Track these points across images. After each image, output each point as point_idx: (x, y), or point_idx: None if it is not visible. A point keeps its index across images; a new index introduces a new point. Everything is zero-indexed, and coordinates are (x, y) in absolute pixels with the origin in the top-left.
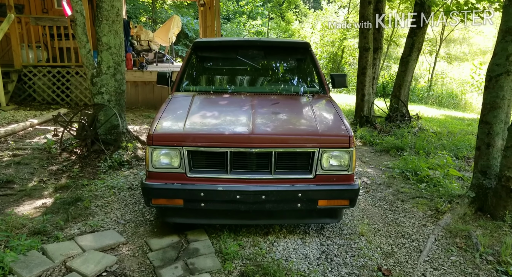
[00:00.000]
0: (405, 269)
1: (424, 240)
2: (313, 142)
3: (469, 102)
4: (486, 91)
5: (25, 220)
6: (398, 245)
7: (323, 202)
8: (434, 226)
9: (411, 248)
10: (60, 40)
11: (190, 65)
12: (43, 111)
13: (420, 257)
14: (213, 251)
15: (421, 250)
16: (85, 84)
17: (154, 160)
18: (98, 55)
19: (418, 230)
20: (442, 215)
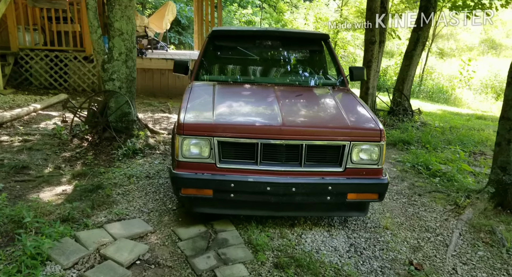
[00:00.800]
0: (434, 263)
1: (449, 235)
2: (344, 135)
3: (458, 97)
4: (509, 87)
5: (51, 206)
6: (423, 239)
7: (353, 196)
8: (457, 220)
9: (436, 242)
10: (58, 24)
11: (208, 54)
12: (42, 96)
13: (447, 252)
14: (242, 241)
15: (447, 244)
16: (83, 70)
17: (184, 150)
18: (110, 41)
19: (441, 224)
20: (463, 210)
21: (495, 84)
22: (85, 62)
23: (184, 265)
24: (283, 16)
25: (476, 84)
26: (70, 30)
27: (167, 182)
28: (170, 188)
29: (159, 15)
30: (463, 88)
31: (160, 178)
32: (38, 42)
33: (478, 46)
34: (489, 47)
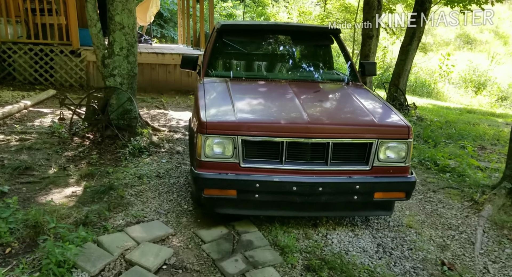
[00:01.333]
0: (465, 262)
1: (472, 232)
2: (371, 132)
3: (440, 91)
4: None
5: (66, 209)
6: (448, 237)
7: (380, 195)
8: (478, 217)
9: (462, 240)
10: (42, 16)
11: (217, 49)
12: (29, 91)
13: (474, 250)
14: (268, 243)
15: (472, 242)
16: (70, 64)
17: (207, 149)
18: (110, 35)
19: (462, 221)
20: (482, 206)
21: (473, 78)
22: (72, 56)
23: (212, 269)
24: (266, 10)
25: (455, 78)
26: (56, 22)
27: (178, 182)
28: (182, 188)
29: (143, 8)
30: (444, 82)
31: (170, 177)
32: (22, 35)
33: (454, 41)
34: (464, 42)
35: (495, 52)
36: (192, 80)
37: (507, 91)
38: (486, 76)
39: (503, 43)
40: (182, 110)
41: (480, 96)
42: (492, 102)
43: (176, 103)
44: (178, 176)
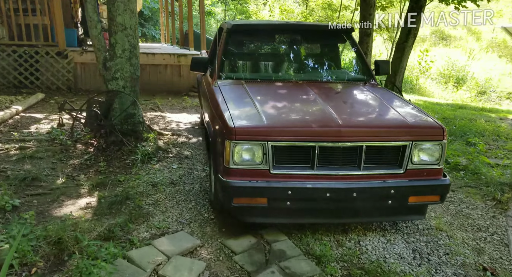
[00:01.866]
0: (504, 266)
1: (503, 233)
2: (405, 134)
3: (423, 87)
4: None
5: (86, 223)
6: (481, 239)
7: (414, 198)
8: (505, 217)
9: (495, 242)
10: (26, 16)
11: (229, 50)
12: (16, 95)
13: (510, 252)
14: (301, 252)
15: (506, 244)
16: (57, 66)
17: (236, 156)
18: (112, 37)
19: (491, 222)
20: (506, 205)
21: (452, 74)
22: (58, 58)
23: None
24: (247, 8)
25: (434, 74)
26: (40, 23)
27: (193, 188)
28: (199, 195)
29: None
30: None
31: (185, 184)
32: (3, 37)
33: (430, 37)
34: (439, 38)
35: (470, 48)
36: (183, 81)
37: (484, 86)
38: (464, 72)
39: (475, 39)
40: (179, 112)
41: (461, 91)
42: (472, 97)
43: (171, 105)
44: (192, 182)
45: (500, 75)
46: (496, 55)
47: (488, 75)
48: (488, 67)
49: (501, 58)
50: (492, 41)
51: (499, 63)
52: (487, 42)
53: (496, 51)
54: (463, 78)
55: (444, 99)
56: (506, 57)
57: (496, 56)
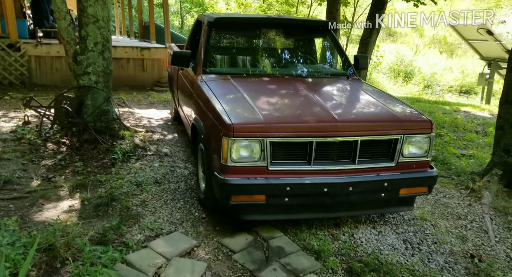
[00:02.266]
0: (487, 252)
1: (481, 220)
2: (397, 128)
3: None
4: (511, 73)
5: (76, 227)
6: (462, 227)
7: (405, 190)
8: (480, 205)
9: (475, 229)
10: None
11: (212, 44)
12: None
13: (490, 239)
14: (299, 248)
15: (485, 230)
16: (8, 59)
17: (234, 153)
18: (82, 29)
19: (468, 210)
20: (480, 194)
21: (401, 69)
22: (10, 50)
23: None
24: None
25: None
26: None
27: (179, 187)
28: (186, 194)
29: None
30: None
31: (170, 183)
32: None
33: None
34: (386, 34)
35: (415, 44)
36: (147, 75)
37: (429, 80)
38: (412, 66)
39: (419, 35)
40: (147, 107)
41: (410, 85)
42: (420, 90)
43: (137, 100)
44: (177, 180)
45: (442, 70)
46: (438, 51)
47: (433, 70)
48: (433, 62)
49: (441, 54)
50: (434, 38)
51: (440, 58)
52: (429, 39)
53: (437, 47)
54: (411, 73)
55: (396, 92)
56: (446, 52)
57: (437, 52)
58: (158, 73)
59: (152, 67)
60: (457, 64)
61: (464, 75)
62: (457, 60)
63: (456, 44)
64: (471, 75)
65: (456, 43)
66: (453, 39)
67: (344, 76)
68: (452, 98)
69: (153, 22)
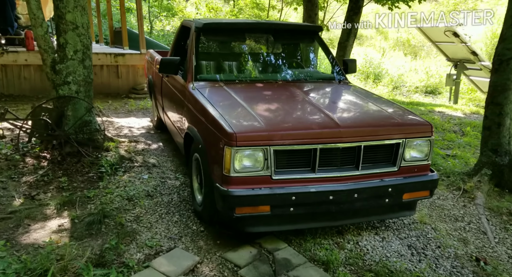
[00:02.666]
0: (490, 254)
1: (477, 221)
2: (399, 132)
3: None
4: (497, 74)
5: (70, 248)
6: (461, 229)
7: (408, 195)
8: (475, 206)
9: (473, 231)
10: None
11: (201, 50)
12: None
13: (490, 240)
14: (306, 259)
15: (483, 232)
16: None
17: (237, 163)
18: (61, 37)
19: (464, 211)
20: (472, 194)
21: (370, 71)
22: None
23: None
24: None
25: None
26: None
27: (172, 199)
28: (180, 206)
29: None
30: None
31: (162, 196)
32: None
33: None
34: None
35: (381, 46)
36: (122, 82)
37: (397, 81)
38: (380, 68)
39: (384, 38)
40: (126, 116)
41: (380, 87)
42: (389, 91)
43: (114, 109)
44: (169, 193)
45: (407, 72)
46: (402, 53)
47: (399, 71)
48: (399, 64)
49: (406, 56)
50: (398, 41)
51: (405, 60)
52: (393, 41)
53: (401, 50)
54: (380, 75)
55: None
56: (410, 54)
57: (402, 54)
58: (134, 80)
59: (127, 74)
60: (421, 66)
61: (429, 76)
62: (421, 61)
63: (419, 47)
64: (435, 76)
65: (419, 45)
66: (416, 41)
67: (336, 81)
68: (419, 99)
69: (125, 28)
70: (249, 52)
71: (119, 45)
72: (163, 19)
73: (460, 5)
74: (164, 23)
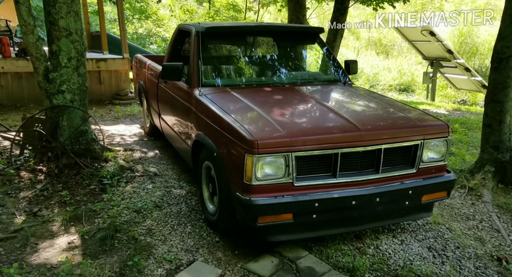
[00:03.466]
0: (508, 252)
1: (488, 219)
2: (418, 133)
3: None
4: (496, 72)
5: (87, 267)
6: (475, 228)
7: (427, 197)
8: (483, 203)
9: (487, 229)
10: None
11: (204, 55)
12: None
13: (504, 238)
14: (330, 267)
15: (496, 229)
16: None
17: (259, 171)
18: (54, 44)
19: (474, 210)
20: (478, 192)
21: None
22: None
23: None
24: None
25: None
26: None
27: (181, 209)
28: (191, 216)
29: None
30: None
31: (170, 206)
32: None
33: None
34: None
35: (354, 46)
36: (105, 88)
37: (372, 80)
38: None
39: (356, 38)
40: (114, 123)
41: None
42: None
43: (100, 116)
44: (177, 202)
45: (381, 70)
46: (375, 52)
47: (373, 70)
48: (374, 63)
49: (378, 55)
50: (369, 40)
51: (378, 59)
52: (365, 41)
53: (374, 49)
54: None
55: None
56: (382, 54)
57: (374, 53)
58: (117, 86)
59: (110, 80)
60: (393, 64)
61: (401, 74)
62: (393, 60)
63: (390, 46)
64: (407, 74)
65: (389, 44)
66: (387, 41)
67: (341, 83)
68: (394, 96)
69: (104, 32)
70: (253, 56)
71: (97, 50)
72: (135, 22)
73: (427, 5)
74: (136, 26)
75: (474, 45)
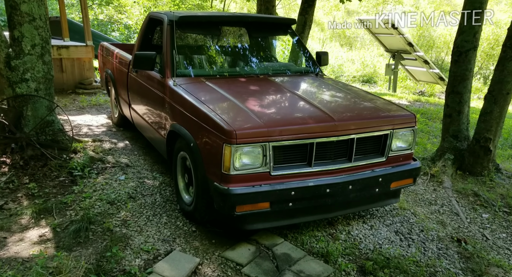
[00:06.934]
0: (466, 234)
1: (448, 203)
2: (388, 123)
3: None
4: (456, 65)
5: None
6: (436, 212)
7: (395, 184)
8: (443, 189)
9: (447, 213)
10: None
11: (177, 44)
12: None
13: (463, 221)
14: (305, 253)
15: (456, 213)
16: None
17: (237, 161)
18: (16, 29)
19: (436, 195)
20: (439, 178)
21: None
22: None
23: None
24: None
25: None
26: None
27: (156, 200)
28: (165, 207)
29: None
30: None
31: (144, 197)
32: None
33: None
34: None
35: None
36: (67, 77)
37: (337, 71)
38: None
39: (320, 30)
40: (79, 113)
41: None
42: None
43: (64, 106)
44: (151, 193)
45: (345, 62)
46: (339, 44)
47: (338, 62)
48: (338, 54)
49: (342, 47)
50: (334, 32)
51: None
52: (330, 33)
53: (338, 41)
54: None
55: None
56: (346, 45)
57: (338, 45)
58: (80, 74)
59: (72, 68)
60: (357, 56)
61: (364, 66)
62: (356, 52)
63: (353, 38)
64: (369, 66)
65: (353, 36)
66: (350, 32)
67: (313, 74)
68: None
69: (65, 17)
70: (226, 46)
71: (56, 36)
72: (95, 8)
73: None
74: (96, 12)
75: (431, 39)
